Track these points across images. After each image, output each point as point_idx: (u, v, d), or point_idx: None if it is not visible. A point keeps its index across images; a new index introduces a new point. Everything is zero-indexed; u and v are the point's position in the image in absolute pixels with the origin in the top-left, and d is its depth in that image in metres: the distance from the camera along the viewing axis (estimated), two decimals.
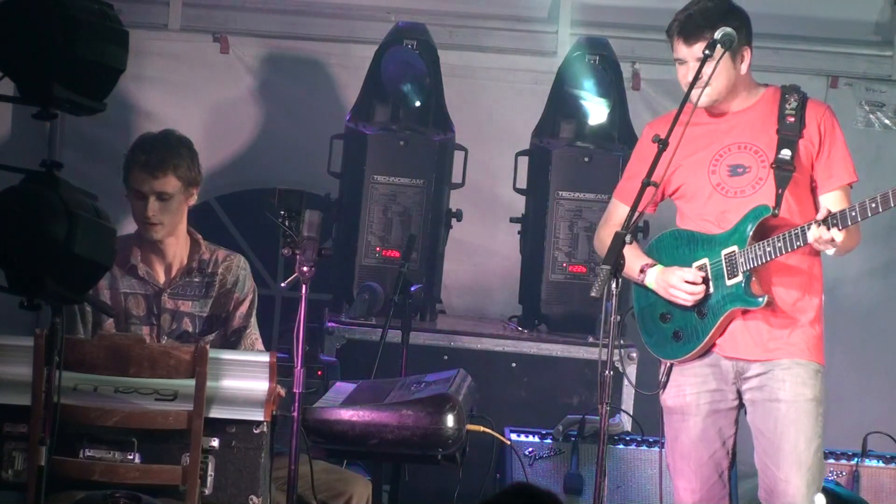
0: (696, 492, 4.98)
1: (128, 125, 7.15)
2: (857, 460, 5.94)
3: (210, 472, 4.54)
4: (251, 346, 5.46)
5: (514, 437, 5.85)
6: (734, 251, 4.85)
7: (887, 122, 7.41)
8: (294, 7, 7.43)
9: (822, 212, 4.72)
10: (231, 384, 4.59)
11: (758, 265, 4.82)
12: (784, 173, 4.87)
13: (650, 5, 7.06)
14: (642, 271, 4.95)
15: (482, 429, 5.24)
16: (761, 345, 4.89)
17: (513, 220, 6.97)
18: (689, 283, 4.88)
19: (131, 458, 4.53)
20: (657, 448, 5.38)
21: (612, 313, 4.51)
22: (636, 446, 5.87)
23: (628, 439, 5.90)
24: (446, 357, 6.49)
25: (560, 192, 6.75)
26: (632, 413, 6.22)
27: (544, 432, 5.90)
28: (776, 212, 4.84)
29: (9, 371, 4.53)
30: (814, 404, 4.87)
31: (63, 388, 4.11)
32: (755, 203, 4.86)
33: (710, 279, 4.89)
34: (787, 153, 4.88)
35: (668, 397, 5.02)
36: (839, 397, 6.54)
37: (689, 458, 4.98)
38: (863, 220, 4.69)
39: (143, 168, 5.35)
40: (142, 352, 4.56)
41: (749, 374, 4.91)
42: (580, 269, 6.73)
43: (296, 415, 4.71)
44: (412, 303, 6.16)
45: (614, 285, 4.50)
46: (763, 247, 4.80)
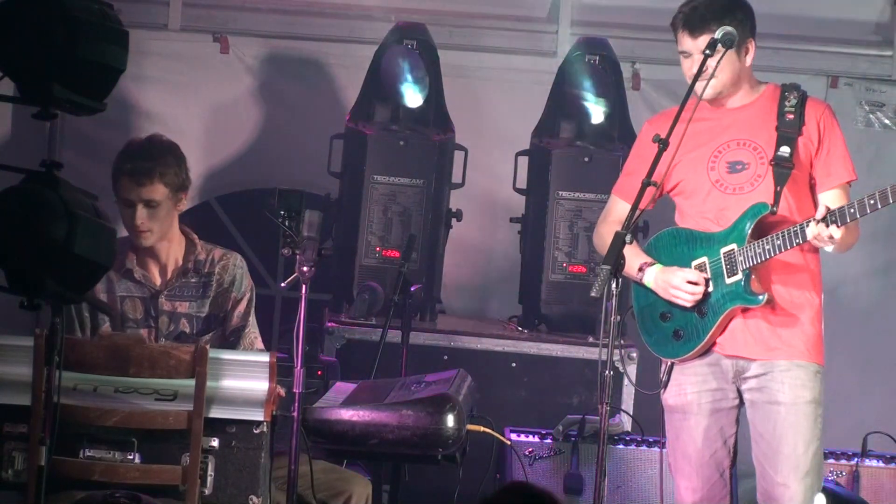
0: (697, 491, 4.98)
1: (128, 125, 7.15)
2: (857, 460, 5.93)
3: (210, 472, 4.54)
4: (250, 345, 5.46)
5: (514, 437, 5.85)
6: (733, 249, 4.85)
7: (887, 122, 7.41)
8: (294, 7, 7.43)
9: (820, 209, 4.73)
10: (231, 384, 4.59)
11: (757, 263, 4.82)
12: (783, 171, 4.86)
13: (650, 5, 7.06)
14: (641, 270, 4.95)
15: (482, 429, 5.24)
16: (761, 343, 4.89)
17: (513, 220, 6.97)
18: (691, 283, 4.88)
19: (131, 458, 4.53)
20: (657, 448, 5.38)
21: (612, 313, 4.51)
22: (636, 446, 5.87)
23: (628, 439, 5.90)
24: (446, 357, 6.49)
25: (560, 192, 6.75)
26: (632, 413, 6.22)
27: (544, 432, 5.89)
28: (774, 209, 4.84)
29: (9, 371, 4.53)
30: (813, 406, 4.87)
31: (63, 388, 4.11)
32: (753, 200, 4.86)
33: (709, 278, 4.89)
34: (786, 150, 4.88)
35: (670, 396, 5.02)
36: (839, 397, 6.53)
37: (690, 457, 4.98)
38: (861, 216, 4.69)
39: (129, 176, 5.34)
40: (142, 352, 4.56)
41: (749, 374, 4.91)
42: (580, 269, 6.73)
43: (296, 415, 4.71)
44: (412, 303, 6.16)
45: (614, 285, 4.50)
46: (762, 244, 4.80)
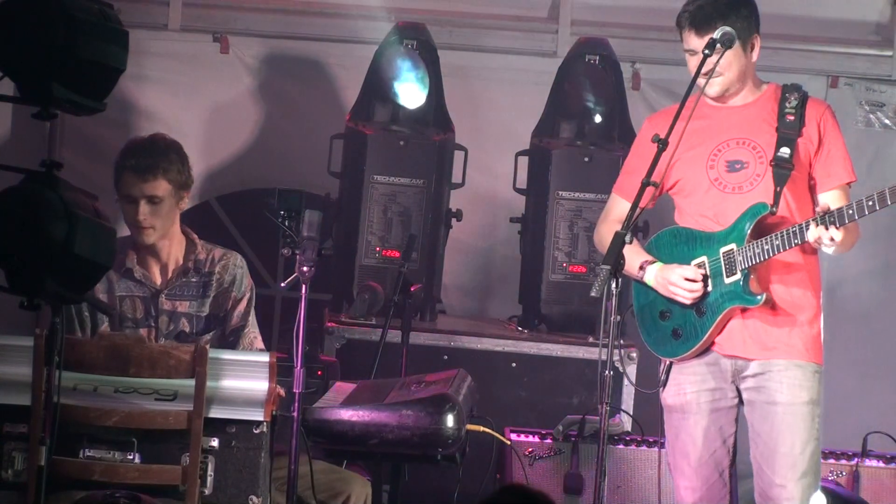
0: (696, 490, 4.98)
1: (128, 125, 7.14)
2: (857, 460, 5.93)
3: (210, 472, 4.54)
4: (250, 344, 5.46)
5: (514, 437, 5.84)
6: (732, 249, 4.85)
7: (887, 122, 7.41)
8: (294, 7, 7.43)
9: (820, 207, 4.73)
10: (231, 384, 4.59)
11: (756, 263, 4.82)
12: (783, 171, 4.87)
13: (650, 5, 7.06)
14: (641, 268, 4.96)
15: (482, 429, 5.24)
16: (760, 343, 4.89)
17: (513, 220, 6.96)
18: (689, 280, 4.88)
19: (131, 458, 4.54)
20: (657, 448, 5.38)
21: (612, 313, 4.51)
22: (636, 446, 5.87)
23: (628, 439, 5.90)
24: (446, 357, 6.49)
25: (560, 192, 6.75)
26: (632, 413, 6.22)
27: (544, 432, 5.89)
28: (774, 210, 4.84)
29: (9, 371, 4.53)
30: (810, 407, 4.87)
31: (63, 388, 4.11)
32: (752, 199, 4.86)
33: (709, 277, 4.90)
34: (786, 151, 4.88)
35: (668, 396, 5.02)
36: (839, 397, 6.53)
37: (689, 457, 4.98)
38: (860, 217, 4.69)
39: (132, 172, 5.35)
40: (142, 352, 4.56)
41: (747, 373, 4.91)
42: (580, 269, 6.72)
43: (296, 415, 4.71)
44: (412, 303, 6.16)
45: (614, 285, 4.50)
46: (761, 245, 4.80)
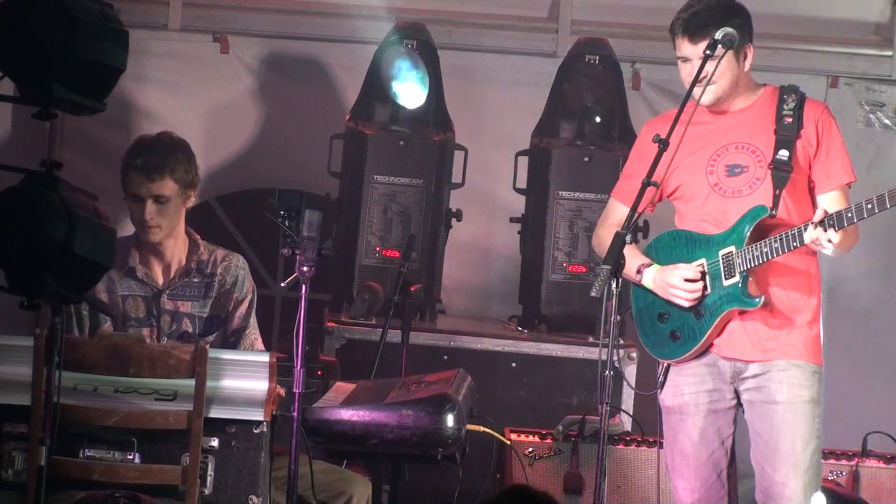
0: (695, 491, 4.98)
1: (128, 125, 7.15)
2: (857, 460, 5.93)
3: (210, 472, 4.55)
4: (251, 345, 5.46)
5: (514, 437, 5.85)
6: (731, 251, 4.85)
7: (887, 122, 7.41)
8: (294, 7, 7.43)
9: (818, 213, 4.73)
10: (231, 384, 4.59)
11: (755, 266, 4.82)
12: (782, 174, 4.87)
13: (650, 5, 7.06)
14: (639, 271, 4.96)
15: (482, 429, 5.24)
16: (759, 345, 4.89)
17: (513, 220, 6.97)
18: (689, 280, 4.88)
19: (131, 458, 4.54)
20: (657, 448, 5.38)
21: (611, 313, 4.51)
22: (636, 446, 5.87)
23: (628, 439, 5.90)
24: (446, 357, 6.49)
25: (560, 192, 6.75)
26: (632, 413, 6.22)
27: (544, 432, 5.89)
28: (773, 212, 4.84)
29: (9, 371, 4.53)
30: (811, 406, 4.87)
31: (63, 388, 4.12)
32: (752, 203, 4.86)
33: (706, 272, 4.89)
34: (784, 154, 4.88)
35: (667, 397, 5.02)
36: (839, 397, 6.54)
37: (687, 458, 4.98)
38: (859, 220, 4.69)
39: (139, 172, 5.35)
40: (142, 352, 4.56)
41: (746, 375, 4.91)
42: (580, 269, 6.73)
43: (296, 415, 4.71)
44: (412, 303, 6.16)
45: (614, 285, 4.50)
46: (760, 247, 4.80)
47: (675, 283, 4.89)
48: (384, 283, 6.53)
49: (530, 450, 5.84)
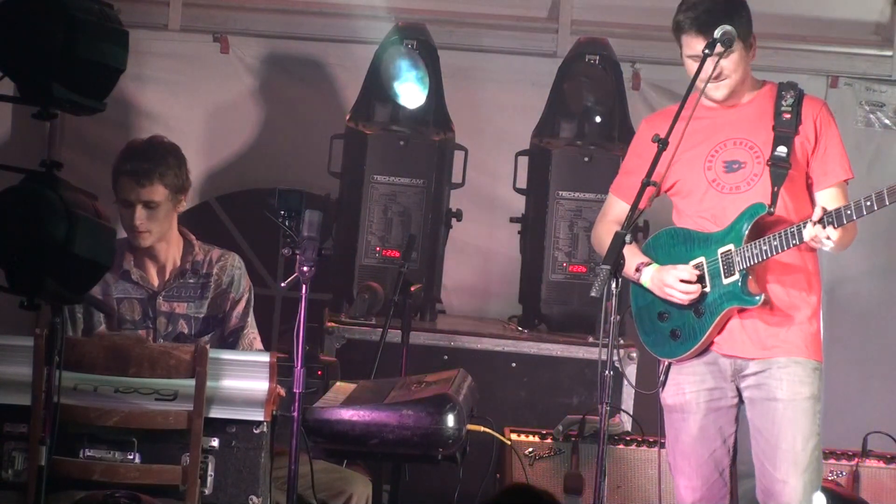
0: (696, 490, 4.98)
1: (128, 125, 7.15)
2: (857, 460, 5.93)
3: (210, 472, 4.55)
4: (249, 345, 5.46)
5: (514, 437, 5.85)
6: (730, 249, 4.85)
7: (887, 121, 7.41)
8: (294, 7, 7.43)
9: (817, 211, 4.73)
10: (231, 384, 4.59)
11: (754, 263, 4.82)
12: (780, 170, 4.86)
13: (650, 5, 7.06)
14: (637, 270, 4.96)
15: (482, 429, 5.24)
16: (759, 343, 4.89)
17: (513, 220, 6.97)
18: (685, 281, 4.88)
19: (131, 458, 4.54)
20: (657, 448, 5.38)
21: (611, 313, 4.51)
22: (636, 446, 5.87)
23: (628, 439, 5.90)
24: (446, 357, 6.49)
25: (560, 192, 6.75)
26: (632, 413, 6.22)
27: (544, 432, 5.89)
28: (772, 210, 4.84)
29: (9, 371, 4.53)
30: (811, 402, 4.87)
31: (63, 388, 4.12)
32: (750, 200, 4.86)
33: (705, 277, 4.90)
34: (782, 150, 4.88)
35: (668, 396, 5.02)
36: (839, 397, 6.54)
37: (689, 457, 4.98)
38: (857, 218, 4.69)
39: (129, 177, 5.35)
40: (142, 352, 4.57)
41: (747, 372, 4.92)
42: (580, 269, 6.73)
43: (296, 415, 4.71)
44: (412, 303, 6.15)
45: (614, 285, 4.50)
46: (759, 245, 4.80)
47: (671, 283, 4.89)
48: (384, 283, 6.53)
49: (530, 450, 5.84)
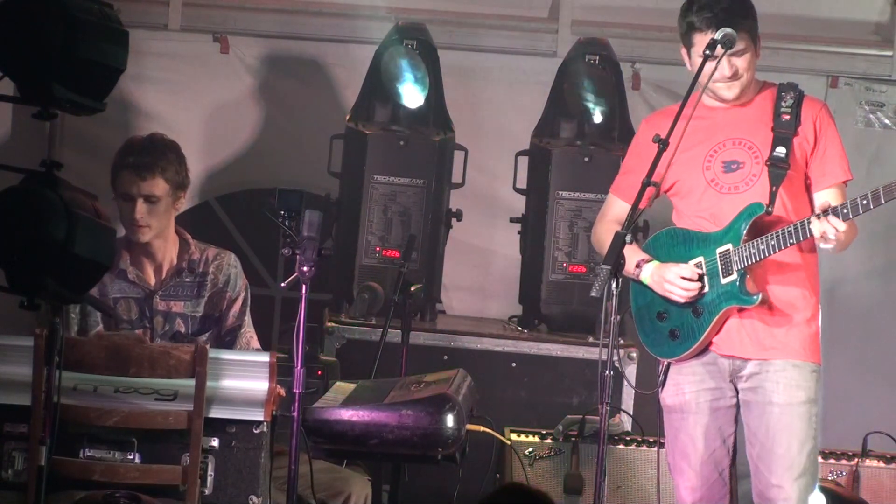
0: (696, 490, 4.98)
1: (128, 125, 7.14)
2: (857, 460, 5.93)
3: (210, 472, 4.55)
4: (247, 344, 5.46)
5: (514, 437, 5.85)
6: (728, 249, 4.86)
7: (887, 121, 7.41)
8: (294, 7, 7.43)
9: (821, 207, 4.74)
10: (231, 384, 4.59)
11: (752, 263, 4.82)
12: (778, 171, 4.87)
13: (650, 5, 7.07)
14: (638, 266, 4.96)
15: (482, 429, 5.24)
16: (757, 343, 4.89)
17: (513, 220, 6.97)
18: (685, 279, 4.88)
19: (131, 458, 4.54)
20: (657, 448, 5.38)
21: (612, 313, 4.51)
22: (636, 446, 5.87)
23: (628, 439, 5.90)
24: (446, 357, 6.49)
25: (560, 192, 6.75)
26: (632, 413, 6.22)
27: (544, 432, 5.89)
28: (770, 209, 4.84)
29: (9, 371, 4.53)
30: (807, 406, 4.87)
31: (63, 388, 4.11)
32: (749, 200, 4.86)
33: (704, 277, 4.90)
34: (781, 151, 4.88)
35: (668, 396, 5.03)
36: (839, 397, 6.54)
37: (689, 457, 4.98)
38: (854, 216, 4.69)
39: (130, 170, 5.36)
40: (142, 352, 4.57)
41: (744, 373, 4.91)
42: (580, 269, 6.73)
43: (296, 415, 4.71)
44: (412, 303, 6.16)
45: (614, 285, 4.50)
46: (757, 245, 4.81)
47: (672, 280, 4.89)
48: (384, 283, 6.53)
49: (530, 450, 5.84)
